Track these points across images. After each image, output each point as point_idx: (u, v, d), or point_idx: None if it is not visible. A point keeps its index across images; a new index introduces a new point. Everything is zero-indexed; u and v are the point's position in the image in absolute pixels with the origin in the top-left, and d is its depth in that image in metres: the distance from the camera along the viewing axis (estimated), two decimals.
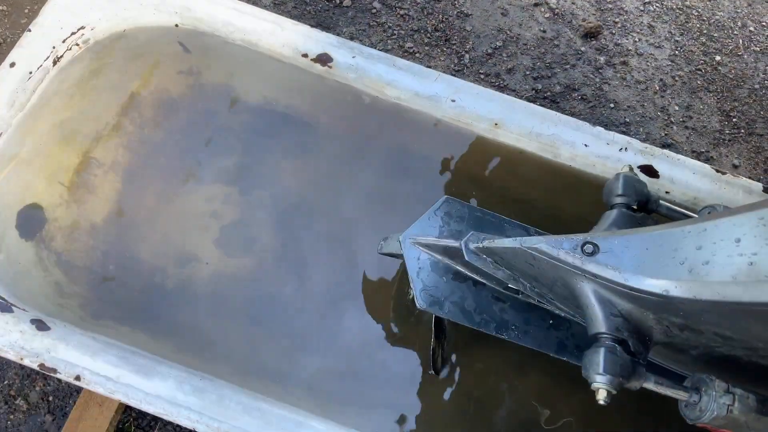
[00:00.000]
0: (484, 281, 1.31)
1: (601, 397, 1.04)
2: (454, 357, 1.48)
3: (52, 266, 1.46)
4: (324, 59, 1.64)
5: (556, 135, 1.60)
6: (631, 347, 1.07)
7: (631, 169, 1.36)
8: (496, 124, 1.61)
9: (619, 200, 1.30)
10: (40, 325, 1.33)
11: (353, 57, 1.63)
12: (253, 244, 1.54)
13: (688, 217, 1.32)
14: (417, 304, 1.28)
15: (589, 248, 1.05)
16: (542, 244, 1.08)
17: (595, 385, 1.04)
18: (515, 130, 1.61)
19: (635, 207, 1.30)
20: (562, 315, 1.33)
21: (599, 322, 1.07)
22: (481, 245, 1.22)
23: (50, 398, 1.67)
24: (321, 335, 1.48)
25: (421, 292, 1.29)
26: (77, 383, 1.29)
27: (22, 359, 1.29)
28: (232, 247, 1.53)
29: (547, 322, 1.34)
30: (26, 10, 2.13)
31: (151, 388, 1.30)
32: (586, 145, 1.60)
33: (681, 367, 1.31)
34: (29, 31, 1.56)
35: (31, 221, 1.49)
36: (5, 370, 1.69)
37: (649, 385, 1.08)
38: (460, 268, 1.31)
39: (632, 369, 1.05)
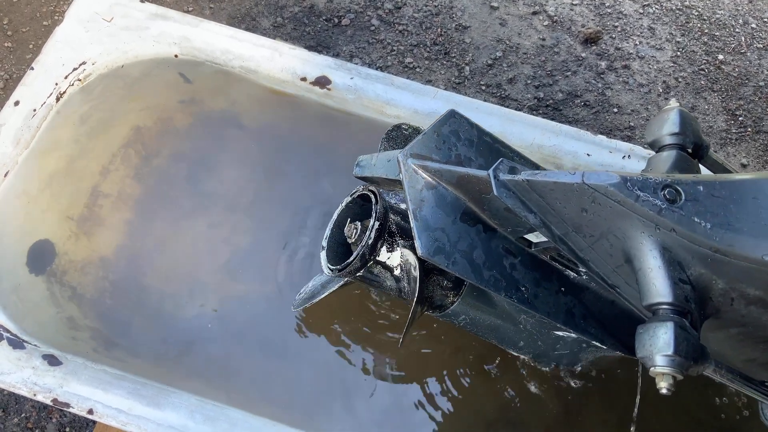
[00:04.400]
0: (496, 227, 1.02)
1: (666, 384, 0.81)
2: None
3: (64, 300, 1.48)
4: (322, 82, 1.65)
5: (558, 146, 1.60)
6: (693, 322, 0.86)
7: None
8: None
9: (673, 140, 1.05)
10: (52, 360, 1.34)
11: (351, 78, 1.64)
12: (264, 270, 1.54)
13: (730, 172, 1.11)
14: (418, 252, 0.97)
15: (670, 193, 0.82)
16: (613, 181, 0.83)
17: (658, 369, 0.82)
18: (516, 142, 1.60)
19: (690, 150, 1.06)
20: (571, 277, 1.11)
21: (664, 290, 0.85)
22: (519, 178, 0.93)
23: (67, 429, 1.68)
24: (324, 358, 1.49)
25: (425, 234, 0.98)
26: (90, 417, 1.30)
27: (35, 395, 1.31)
28: (243, 274, 1.54)
29: (555, 285, 1.08)
30: (31, 46, 2.16)
31: (162, 419, 1.31)
32: (588, 155, 1.59)
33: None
34: (32, 69, 1.58)
35: (41, 256, 1.51)
36: (22, 403, 1.71)
37: (709, 371, 0.88)
38: (472, 206, 1.01)
39: (701, 349, 0.84)
